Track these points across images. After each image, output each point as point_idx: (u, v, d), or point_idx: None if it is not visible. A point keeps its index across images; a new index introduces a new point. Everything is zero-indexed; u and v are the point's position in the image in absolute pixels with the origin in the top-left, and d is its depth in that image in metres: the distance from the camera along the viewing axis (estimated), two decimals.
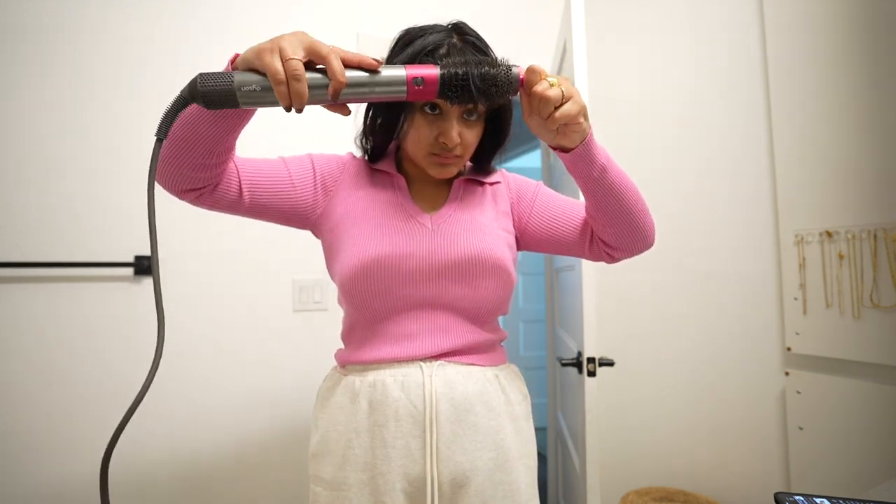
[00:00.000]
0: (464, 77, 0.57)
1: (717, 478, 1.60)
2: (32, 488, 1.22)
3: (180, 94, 0.54)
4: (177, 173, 0.64)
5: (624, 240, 0.76)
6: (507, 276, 0.78)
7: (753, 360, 1.52)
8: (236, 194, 0.71)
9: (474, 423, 0.72)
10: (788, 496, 0.61)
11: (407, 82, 0.57)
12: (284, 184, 0.75)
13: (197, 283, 1.40)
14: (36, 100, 1.28)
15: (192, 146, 0.62)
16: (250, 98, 0.54)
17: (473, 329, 0.77)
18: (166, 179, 0.66)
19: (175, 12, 1.42)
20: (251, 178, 0.72)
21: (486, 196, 0.84)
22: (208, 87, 0.53)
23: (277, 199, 0.74)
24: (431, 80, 0.58)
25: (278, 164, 0.76)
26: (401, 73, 0.57)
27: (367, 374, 0.74)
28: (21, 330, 1.23)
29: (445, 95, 0.58)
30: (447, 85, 0.58)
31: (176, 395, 1.36)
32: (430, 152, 0.73)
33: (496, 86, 0.58)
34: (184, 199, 0.69)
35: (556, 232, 0.82)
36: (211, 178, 0.67)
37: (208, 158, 0.64)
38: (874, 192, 1.23)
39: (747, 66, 1.56)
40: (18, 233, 1.25)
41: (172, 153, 0.63)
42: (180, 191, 0.67)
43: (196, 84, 0.53)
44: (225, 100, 0.54)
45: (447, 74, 0.58)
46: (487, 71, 0.58)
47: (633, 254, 0.80)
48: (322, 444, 0.76)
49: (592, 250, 0.81)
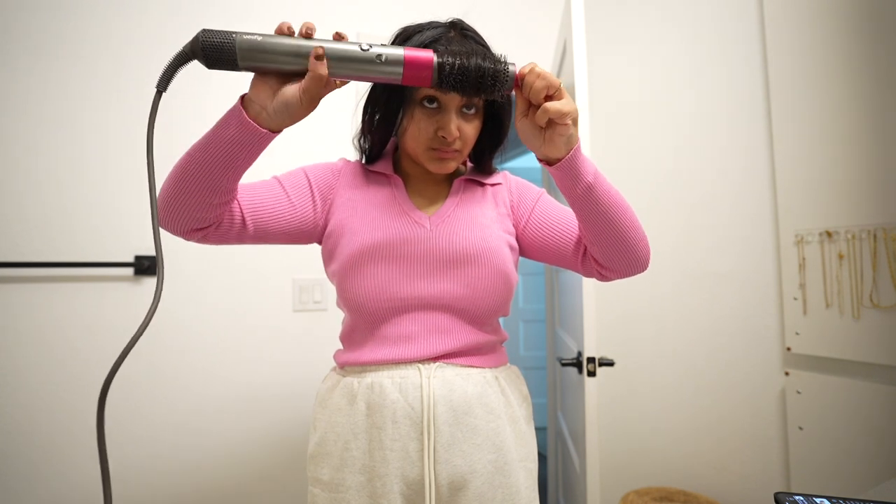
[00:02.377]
0: (461, 66, 0.57)
1: (717, 478, 1.60)
2: (33, 488, 1.22)
3: (182, 49, 0.54)
4: (182, 214, 0.64)
5: (613, 260, 0.73)
6: (508, 277, 0.77)
7: (753, 359, 1.52)
8: (240, 226, 0.70)
9: (473, 425, 0.72)
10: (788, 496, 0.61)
11: (404, 62, 0.57)
12: (283, 205, 0.74)
13: (197, 282, 1.40)
14: (36, 100, 1.28)
15: (197, 185, 0.62)
16: (250, 55, 0.54)
17: (473, 330, 0.76)
18: (171, 221, 0.65)
19: (176, 14, 1.42)
20: (250, 205, 0.71)
21: (486, 196, 0.82)
22: (210, 42, 0.53)
23: (281, 223, 0.74)
24: (427, 64, 0.58)
25: (274, 185, 0.75)
26: (399, 53, 0.57)
27: (366, 376, 0.74)
28: (21, 330, 1.23)
29: (441, 82, 0.58)
30: (443, 72, 0.58)
31: (176, 394, 1.36)
32: (429, 147, 0.73)
33: (492, 77, 0.58)
34: (189, 239, 0.68)
35: (551, 241, 0.80)
36: (216, 217, 0.66)
37: (213, 197, 0.64)
38: (874, 192, 1.23)
39: (747, 65, 1.56)
40: (18, 233, 1.25)
41: (176, 193, 0.63)
42: (186, 231, 0.67)
43: (198, 39, 0.53)
44: (225, 56, 0.54)
45: (445, 62, 0.57)
46: (483, 63, 0.58)
47: (624, 275, 0.76)
48: (320, 445, 0.75)
49: (585, 266, 0.79)
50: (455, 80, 0.58)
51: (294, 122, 0.60)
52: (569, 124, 0.61)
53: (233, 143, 0.60)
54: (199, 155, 0.61)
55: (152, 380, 1.34)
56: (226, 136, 0.59)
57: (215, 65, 0.54)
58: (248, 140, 0.60)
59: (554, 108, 0.59)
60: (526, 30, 1.93)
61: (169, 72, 0.54)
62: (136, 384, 1.32)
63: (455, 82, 0.58)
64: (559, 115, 0.59)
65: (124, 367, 1.31)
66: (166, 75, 0.54)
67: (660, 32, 1.82)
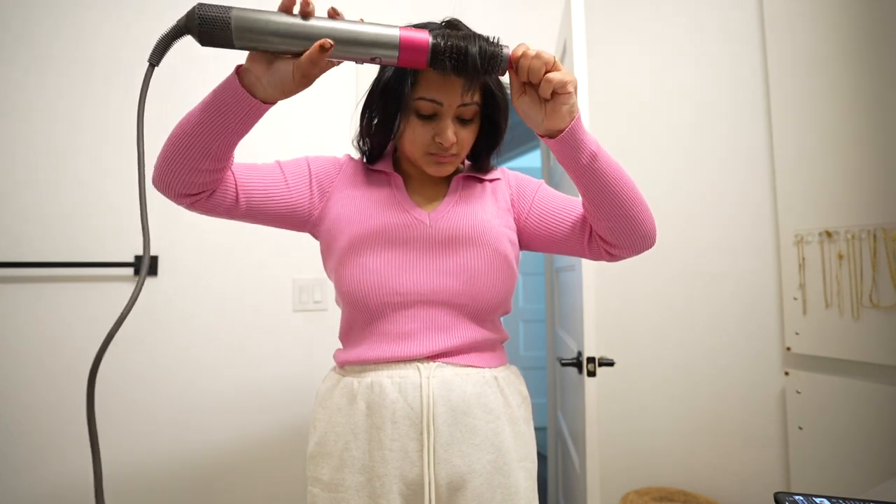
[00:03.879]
0: (455, 46, 0.58)
1: (717, 478, 1.60)
2: (33, 487, 1.22)
3: (177, 23, 0.53)
4: (174, 176, 0.64)
5: (621, 235, 0.72)
6: (509, 272, 0.77)
7: (753, 359, 1.52)
8: (233, 200, 0.71)
9: (472, 425, 0.72)
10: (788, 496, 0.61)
11: (399, 44, 0.57)
12: (279, 187, 0.75)
13: (197, 281, 1.40)
14: (35, 100, 1.28)
15: (191, 149, 0.62)
16: (247, 35, 0.54)
17: (473, 327, 0.76)
18: (163, 182, 0.66)
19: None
20: (246, 182, 0.72)
21: (485, 192, 0.82)
22: (205, 16, 0.52)
23: (273, 203, 0.74)
24: (423, 46, 0.58)
25: (274, 168, 0.76)
26: (394, 33, 0.57)
27: (365, 376, 0.74)
28: (21, 330, 1.23)
29: (436, 63, 0.59)
30: (438, 53, 0.58)
31: (175, 392, 1.36)
32: (426, 151, 0.73)
33: (487, 58, 0.59)
34: (180, 203, 0.69)
35: (555, 228, 0.80)
36: (208, 183, 0.67)
37: (206, 163, 0.64)
38: (874, 192, 1.23)
39: (748, 65, 1.56)
40: (18, 233, 1.25)
41: (171, 155, 0.63)
42: (177, 195, 0.67)
43: (193, 13, 0.52)
44: (219, 31, 0.53)
45: (439, 43, 0.58)
46: (477, 44, 0.59)
47: (633, 251, 0.75)
48: (320, 445, 0.75)
49: (592, 248, 0.78)
50: (450, 62, 0.58)
51: (286, 97, 0.62)
52: (571, 92, 0.62)
53: (227, 110, 0.60)
54: (194, 119, 0.61)
55: (152, 378, 1.34)
56: (220, 102, 0.60)
57: (209, 41, 0.53)
58: (242, 109, 0.60)
59: (557, 77, 0.60)
60: (526, 30, 1.93)
61: (162, 45, 0.53)
62: (136, 381, 1.32)
63: (450, 63, 0.58)
64: (562, 85, 0.60)
65: (124, 366, 1.31)
66: (159, 48, 0.53)
67: (660, 32, 1.82)
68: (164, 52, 0.53)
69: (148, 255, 0.47)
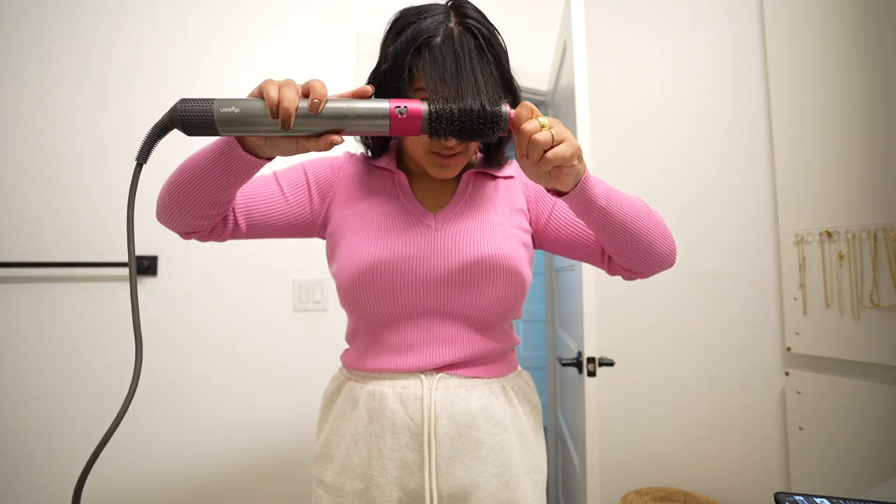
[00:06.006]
0: (450, 115, 0.56)
1: (717, 478, 1.60)
2: (29, 488, 1.22)
3: (160, 120, 0.53)
4: (178, 220, 0.66)
5: (639, 264, 0.72)
6: (519, 280, 0.73)
7: (753, 360, 1.52)
8: (233, 226, 0.71)
9: (476, 438, 0.69)
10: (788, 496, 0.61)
11: (390, 114, 0.56)
12: (278, 202, 0.73)
13: (197, 282, 1.40)
14: (35, 100, 1.28)
15: (194, 198, 0.63)
16: (230, 123, 0.53)
17: (480, 339, 0.73)
18: (168, 223, 0.68)
19: (176, 7, 1.42)
20: (244, 204, 0.71)
21: (497, 191, 0.78)
22: (188, 112, 0.52)
23: (274, 219, 0.74)
24: (416, 115, 0.56)
25: (270, 181, 0.75)
26: (384, 106, 0.56)
27: (367, 384, 0.72)
28: (21, 330, 1.23)
29: (432, 132, 0.57)
30: (433, 122, 0.56)
31: (175, 394, 1.36)
32: (429, 150, 0.69)
33: (483, 125, 0.57)
34: (187, 239, 0.71)
35: (576, 240, 0.77)
36: (211, 224, 0.68)
37: (210, 210, 0.65)
38: (874, 192, 1.23)
39: (748, 66, 1.56)
40: (18, 233, 1.25)
41: (175, 201, 0.64)
42: (182, 233, 0.69)
43: (176, 109, 0.52)
44: (203, 125, 0.53)
45: (433, 112, 0.56)
46: (474, 108, 0.56)
47: (651, 274, 0.75)
48: (325, 447, 0.75)
49: (611, 268, 0.77)
50: (444, 130, 0.57)
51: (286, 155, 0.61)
52: (574, 164, 0.57)
53: (228, 170, 0.61)
54: (194, 176, 0.61)
55: (151, 377, 1.34)
56: (222, 162, 0.60)
57: (196, 133, 0.54)
58: (244, 167, 0.61)
59: (556, 155, 0.55)
60: (526, 30, 1.93)
61: (148, 144, 0.52)
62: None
63: (444, 131, 0.57)
64: (563, 161, 0.56)
65: (125, 367, 1.31)
66: (146, 147, 0.52)
67: (660, 33, 1.82)
68: (150, 151, 0.52)
69: (138, 322, 0.47)
